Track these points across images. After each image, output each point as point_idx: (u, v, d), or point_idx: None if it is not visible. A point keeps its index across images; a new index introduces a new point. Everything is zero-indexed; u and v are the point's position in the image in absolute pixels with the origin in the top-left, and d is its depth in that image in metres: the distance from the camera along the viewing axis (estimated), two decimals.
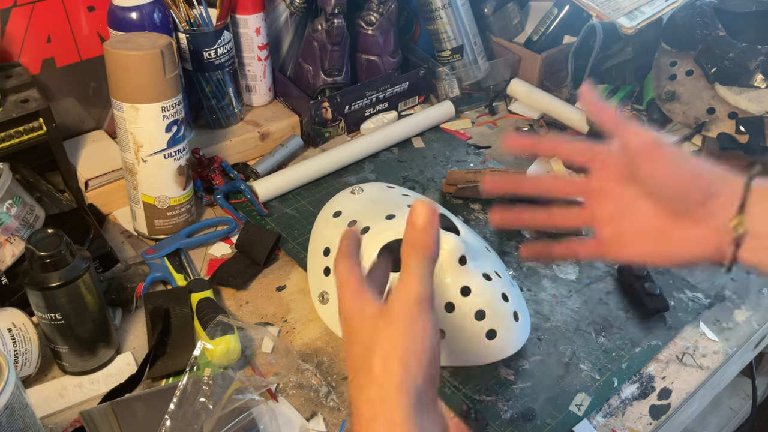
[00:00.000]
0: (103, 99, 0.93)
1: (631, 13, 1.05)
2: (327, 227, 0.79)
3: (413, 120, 1.07)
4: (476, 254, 0.72)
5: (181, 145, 0.81)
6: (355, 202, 0.80)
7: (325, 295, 0.75)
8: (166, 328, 0.72)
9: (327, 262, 0.75)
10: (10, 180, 0.72)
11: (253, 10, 0.98)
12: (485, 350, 0.70)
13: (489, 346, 0.69)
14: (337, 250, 0.49)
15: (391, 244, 0.71)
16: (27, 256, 0.62)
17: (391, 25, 1.06)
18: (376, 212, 0.75)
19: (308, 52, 1.04)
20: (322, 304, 0.76)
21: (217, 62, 0.95)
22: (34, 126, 0.78)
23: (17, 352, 0.65)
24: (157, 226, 0.84)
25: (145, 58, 0.73)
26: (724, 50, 0.93)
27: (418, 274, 0.43)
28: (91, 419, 0.60)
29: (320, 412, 0.66)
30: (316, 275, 0.77)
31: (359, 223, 0.75)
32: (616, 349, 0.74)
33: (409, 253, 0.44)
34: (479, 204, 0.94)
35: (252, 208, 0.92)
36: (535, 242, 0.60)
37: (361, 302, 0.44)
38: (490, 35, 1.20)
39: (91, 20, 0.87)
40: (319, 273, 0.76)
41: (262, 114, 1.05)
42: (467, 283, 0.69)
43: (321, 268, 0.76)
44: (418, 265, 0.43)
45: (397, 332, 0.41)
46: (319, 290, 0.76)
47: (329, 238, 0.77)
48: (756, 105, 0.91)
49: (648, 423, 0.68)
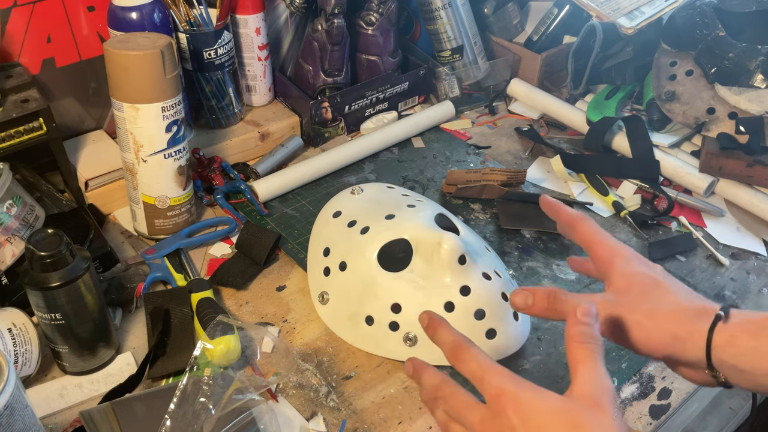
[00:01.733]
0: (103, 99, 0.93)
1: (631, 13, 1.05)
2: (327, 227, 0.79)
3: (413, 120, 1.07)
4: (476, 254, 0.72)
5: (181, 145, 0.81)
6: (355, 202, 0.79)
7: (325, 295, 0.75)
8: (166, 328, 0.72)
9: (327, 263, 0.75)
10: (10, 180, 0.72)
11: (253, 10, 0.98)
12: (485, 350, 0.69)
13: (489, 345, 0.69)
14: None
15: (390, 244, 0.72)
16: (27, 256, 0.62)
17: (391, 25, 1.06)
18: (375, 212, 0.75)
19: (308, 52, 1.04)
20: (322, 304, 0.75)
21: (217, 62, 0.95)
22: (34, 126, 0.78)
23: (17, 352, 0.65)
24: (157, 226, 0.84)
25: (145, 58, 0.73)
26: (724, 50, 0.93)
27: (602, 369, 0.45)
28: (91, 419, 0.60)
29: (320, 412, 0.66)
30: (316, 275, 0.77)
31: (359, 223, 0.75)
32: (616, 349, 0.74)
33: (585, 349, 0.46)
34: (479, 204, 0.94)
35: (252, 208, 0.91)
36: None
37: (542, 393, 0.45)
38: (490, 35, 1.20)
39: (91, 20, 0.87)
40: (319, 273, 0.76)
41: (262, 114, 1.05)
42: (467, 283, 0.69)
43: (321, 269, 0.76)
44: (597, 359, 0.46)
45: (611, 420, 0.43)
46: (319, 290, 0.76)
47: (329, 239, 0.77)
48: (756, 105, 0.91)
49: (648, 423, 0.68)
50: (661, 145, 1.01)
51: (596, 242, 0.57)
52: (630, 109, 1.11)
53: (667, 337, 0.51)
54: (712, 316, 0.50)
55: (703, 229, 0.91)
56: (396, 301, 0.70)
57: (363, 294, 0.72)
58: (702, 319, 0.51)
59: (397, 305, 0.70)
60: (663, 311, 0.52)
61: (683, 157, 1.00)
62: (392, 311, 0.70)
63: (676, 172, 0.96)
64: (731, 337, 0.49)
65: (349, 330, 0.73)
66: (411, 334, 0.70)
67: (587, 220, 0.59)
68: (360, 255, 0.72)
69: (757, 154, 0.90)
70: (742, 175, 0.92)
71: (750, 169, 0.91)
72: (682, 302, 0.52)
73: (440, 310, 0.69)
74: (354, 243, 0.74)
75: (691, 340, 0.51)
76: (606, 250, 0.56)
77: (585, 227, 0.58)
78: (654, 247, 0.87)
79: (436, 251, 0.69)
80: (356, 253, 0.73)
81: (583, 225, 0.58)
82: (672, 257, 0.86)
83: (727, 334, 0.50)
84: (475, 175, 0.93)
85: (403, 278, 0.71)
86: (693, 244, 0.88)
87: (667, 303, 0.52)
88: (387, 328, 0.70)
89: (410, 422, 0.66)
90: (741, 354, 0.49)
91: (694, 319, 0.51)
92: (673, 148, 1.01)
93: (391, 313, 0.70)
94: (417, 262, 0.71)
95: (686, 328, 0.51)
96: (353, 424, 0.65)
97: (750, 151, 0.90)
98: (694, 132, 0.98)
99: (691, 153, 1.00)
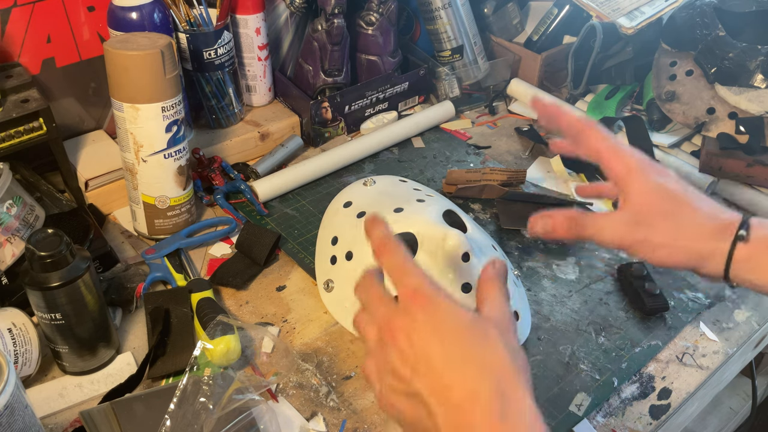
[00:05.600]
0: (103, 99, 0.93)
1: (631, 13, 1.05)
2: (337, 217, 0.80)
3: (413, 120, 1.07)
4: (481, 252, 0.72)
5: (181, 145, 0.81)
6: (367, 193, 0.81)
7: (330, 283, 0.76)
8: (166, 328, 0.72)
9: (334, 251, 0.77)
10: (10, 180, 0.72)
11: (253, 10, 0.98)
12: None
13: None
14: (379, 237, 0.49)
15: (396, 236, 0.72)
16: (27, 256, 0.62)
17: (391, 25, 1.06)
18: (385, 205, 0.76)
19: (308, 52, 1.04)
20: (327, 291, 0.77)
21: (217, 62, 0.95)
22: (34, 126, 0.78)
23: (17, 352, 0.65)
24: (157, 226, 0.84)
25: (145, 58, 0.73)
26: (724, 50, 0.93)
27: (507, 302, 0.47)
28: (92, 419, 0.60)
29: (320, 412, 0.66)
30: (323, 263, 0.78)
31: (368, 215, 0.76)
32: (616, 349, 0.74)
33: (493, 284, 0.48)
34: (479, 204, 0.94)
35: (252, 208, 0.92)
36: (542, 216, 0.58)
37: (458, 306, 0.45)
38: (490, 35, 1.20)
39: (91, 20, 0.87)
40: (326, 261, 0.77)
41: (262, 114, 1.05)
42: (469, 280, 0.69)
43: (328, 257, 0.77)
44: (503, 294, 0.47)
45: (515, 339, 0.45)
46: (325, 278, 0.77)
47: (338, 228, 0.78)
48: (756, 105, 0.91)
49: (648, 423, 0.68)
50: (661, 145, 1.01)
51: (609, 155, 0.55)
52: (630, 109, 1.11)
53: (690, 255, 0.53)
54: (734, 231, 0.52)
55: None
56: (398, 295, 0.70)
57: None
58: (724, 236, 0.52)
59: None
60: (685, 230, 0.53)
61: (683, 157, 1.00)
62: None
63: (676, 172, 0.96)
64: (750, 254, 0.51)
65: (350, 318, 0.74)
66: None
67: (596, 128, 0.55)
68: (366, 246, 0.72)
69: (757, 153, 0.90)
70: (742, 175, 0.92)
71: (750, 169, 0.91)
72: (703, 218, 0.53)
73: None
74: (361, 233, 0.74)
75: (712, 257, 0.52)
76: (621, 163, 0.55)
77: (595, 137, 0.55)
78: None
79: (440, 247, 0.69)
80: (363, 243, 0.74)
81: (592, 134, 0.55)
82: None
83: (746, 251, 0.51)
84: (475, 175, 0.93)
85: None
86: None
87: (688, 220, 0.53)
88: None
89: None
90: (758, 269, 0.51)
91: (716, 236, 0.52)
92: (673, 148, 1.01)
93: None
94: (421, 256, 0.71)
95: (708, 246, 0.52)
96: (353, 424, 0.65)
97: (750, 151, 0.90)
98: (695, 132, 0.98)
99: (691, 153, 1.00)
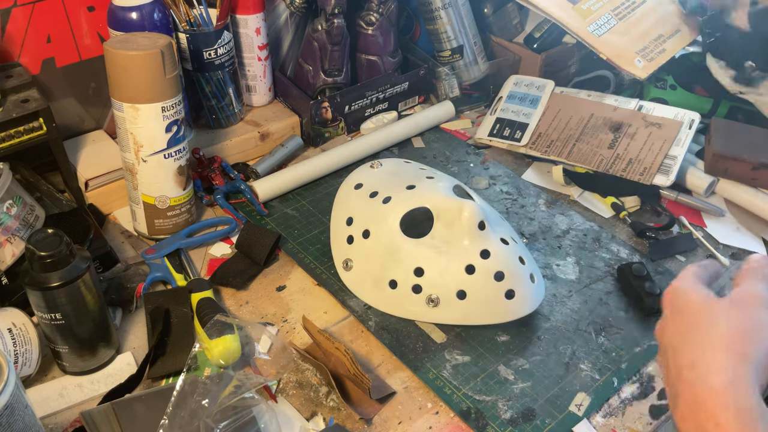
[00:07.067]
0: (103, 99, 0.93)
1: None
2: (349, 198, 0.82)
3: (413, 120, 1.07)
4: (493, 221, 0.76)
5: (181, 145, 0.81)
6: (376, 174, 0.83)
7: (349, 262, 0.78)
8: (166, 328, 0.72)
9: (350, 231, 0.79)
10: (10, 180, 0.72)
11: (253, 10, 0.98)
12: (504, 309, 0.73)
13: (508, 305, 0.73)
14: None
15: (409, 214, 0.75)
16: (27, 256, 0.62)
17: (391, 25, 1.06)
18: (396, 183, 0.79)
19: (308, 52, 1.04)
20: (346, 270, 0.79)
21: (217, 62, 0.95)
22: (34, 126, 0.78)
23: (17, 352, 0.65)
24: (157, 226, 0.84)
25: (145, 58, 0.73)
26: None
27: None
28: (92, 419, 0.60)
29: (320, 412, 0.66)
30: (340, 243, 0.80)
31: (381, 194, 0.78)
32: (616, 349, 0.74)
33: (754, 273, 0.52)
34: None
35: (252, 208, 0.92)
36: None
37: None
38: (490, 35, 1.20)
39: (91, 20, 0.87)
40: (343, 241, 0.79)
41: (262, 114, 1.05)
42: (487, 247, 0.73)
43: (344, 237, 0.79)
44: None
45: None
46: (343, 258, 0.79)
47: (352, 208, 0.80)
48: None
49: (648, 423, 0.68)
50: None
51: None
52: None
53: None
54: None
55: (703, 229, 0.91)
56: (419, 265, 0.74)
57: (386, 259, 0.75)
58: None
59: (420, 269, 0.73)
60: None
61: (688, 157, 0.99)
62: (415, 275, 0.74)
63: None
64: None
65: (373, 293, 0.77)
66: (434, 295, 0.73)
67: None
68: (383, 223, 0.76)
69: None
70: (747, 177, 0.92)
71: (755, 172, 0.91)
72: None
73: (461, 273, 0.72)
74: (377, 212, 0.77)
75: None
76: None
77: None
78: (654, 248, 0.86)
79: (456, 218, 0.73)
80: (379, 221, 0.77)
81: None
82: (672, 257, 0.86)
83: None
84: (327, 343, 0.70)
85: (424, 244, 0.74)
86: (693, 244, 0.88)
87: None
88: (410, 290, 0.74)
89: (410, 422, 0.66)
90: None
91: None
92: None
93: (414, 276, 0.74)
94: (438, 228, 0.74)
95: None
96: (353, 424, 0.65)
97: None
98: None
99: (696, 154, 1.00)
